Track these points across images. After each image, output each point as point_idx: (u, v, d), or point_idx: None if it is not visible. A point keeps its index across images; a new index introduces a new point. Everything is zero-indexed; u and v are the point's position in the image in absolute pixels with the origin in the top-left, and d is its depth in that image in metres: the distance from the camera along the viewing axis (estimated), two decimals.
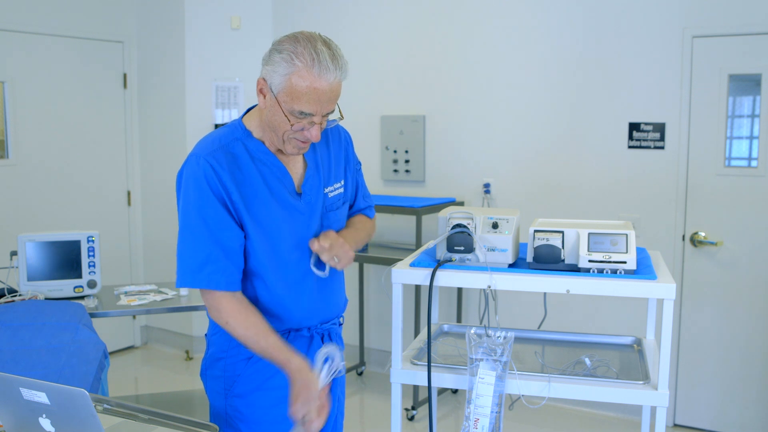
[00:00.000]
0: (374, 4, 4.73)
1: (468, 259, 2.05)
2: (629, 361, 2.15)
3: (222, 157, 1.77)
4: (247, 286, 1.84)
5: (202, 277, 1.76)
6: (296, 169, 1.89)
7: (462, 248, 2.04)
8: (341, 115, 1.84)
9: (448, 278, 2.04)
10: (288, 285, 1.86)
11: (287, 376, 1.77)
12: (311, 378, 1.74)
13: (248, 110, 1.90)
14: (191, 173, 1.76)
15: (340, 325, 2.05)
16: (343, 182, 2.00)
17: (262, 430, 1.88)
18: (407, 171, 4.67)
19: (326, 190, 1.93)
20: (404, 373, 2.08)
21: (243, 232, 1.79)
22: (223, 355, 1.88)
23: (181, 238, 1.79)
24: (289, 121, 1.73)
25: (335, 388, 2.09)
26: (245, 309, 1.78)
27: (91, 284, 3.32)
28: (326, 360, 1.80)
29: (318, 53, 1.69)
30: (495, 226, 2.05)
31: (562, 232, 2.00)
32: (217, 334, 1.89)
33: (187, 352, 5.27)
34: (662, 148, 3.92)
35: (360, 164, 2.10)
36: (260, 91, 1.76)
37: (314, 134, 1.75)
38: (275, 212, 1.82)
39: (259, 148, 1.82)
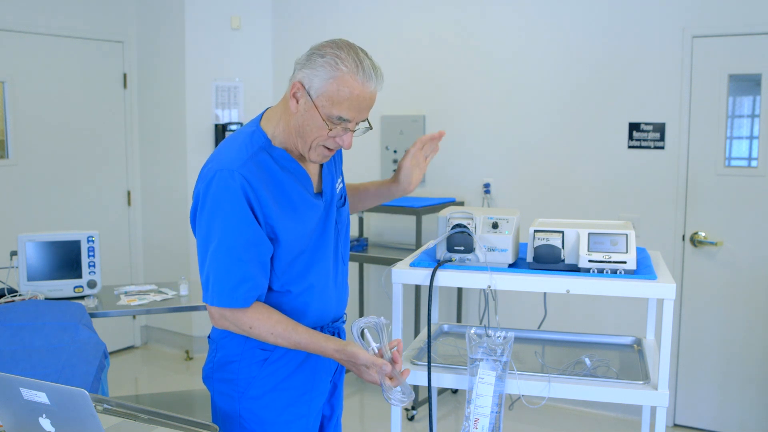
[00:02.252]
0: (374, 4, 4.73)
1: (468, 259, 2.05)
2: (629, 361, 2.15)
3: (253, 168, 1.74)
4: (268, 292, 1.83)
5: (239, 296, 1.73)
6: (314, 170, 1.91)
7: (462, 248, 2.04)
8: (370, 126, 1.85)
9: (448, 278, 2.03)
10: (311, 285, 1.87)
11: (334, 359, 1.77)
12: (352, 351, 1.73)
13: (262, 114, 1.88)
14: (225, 187, 1.71)
15: (344, 322, 2.06)
16: (341, 178, 2.03)
17: (279, 431, 1.89)
18: None
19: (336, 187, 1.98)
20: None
21: (271, 245, 1.77)
22: (236, 358, 1.87)
23: (214, 255, 1.73)
24: (327, 125, 1.72)
25: (339, 386, 2.09)
26: (265, 308, 1.78)
27: (91, 284, 3.32)
28: (363, 331, 1.80)
29: (361, 61, 1.71)
30: (495, 226, 2.05)
31: (562, 232, 2.00)
32: (227, 337, 1.87)
33: (187, 352, 5.27)
34: (662, 148, 3.92)
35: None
36: (293, 96, 1.74)
37: (347, 141, 1.77)
38: (305, 216, 1.83)
39: (283, 156, 1.81)
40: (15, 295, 3.12)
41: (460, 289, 4.47)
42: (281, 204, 1.78)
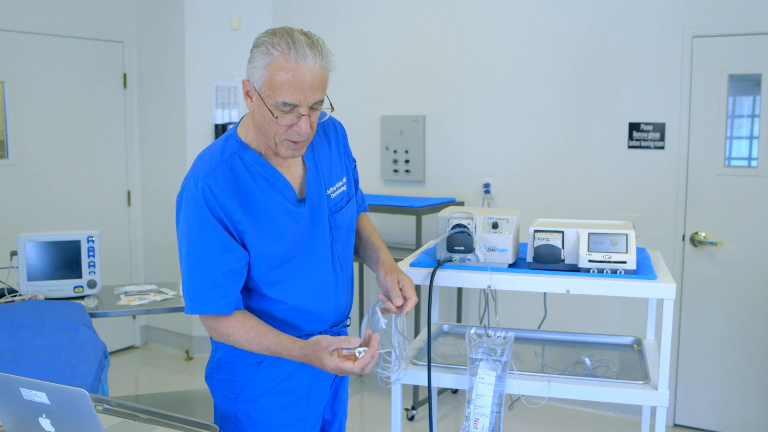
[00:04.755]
0: (374, 4, 4.73)
1: (468, 259, 2.05)
2: (629, 361, 2.15)
3: (220, 175, 1.73)
4: (261, 299, 1.82)
5: (210, 304, 1.74)
6: (296, 173, 1.85)
7: (462, 248, 2.04)
8: (332, 107, 1.79)
9: (448, 278, 2.04)
10: (305, 293, 1.84)
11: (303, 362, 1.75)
12: (316, 339, 1.68)
13: (242, 118, 1.87)
14: (190, 197, 1.73)
15: (348, 326, 2.04)
16: (345, 179, 1.97)
17: None
18: (407, 171, 4.67)
19: (328, 192, 1.90)
20: (404, 373, 2.08)
21: (246, 251, 1.76)
22: (233, 359, 1.87)
23: (184, 264, 1.76)
24: (273, 114, 1.67)
25: (341, 391, 2.08)
26: (241, 315, 1.77)
27: (91, 284, 3.32)
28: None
29: (294, 41, 1.65)
30: (495, 226, 2.05)
31: (562, 232, 2.00)
32: None
33: (187, 352, 5.27)
34: (662, 148, 3.92)
35: (355, 162, 2.09)
36: (247, 94, 1.73)
37: (303, 128, 1.69)
38: (279, 223, 1.79)
39: (256, 160, 1.78)
40: (15, 295, 3.12)
41: (460, 289, 4.47)
42: (250, 211, 1.75)
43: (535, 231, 2.02)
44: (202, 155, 1.81)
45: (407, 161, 4.66)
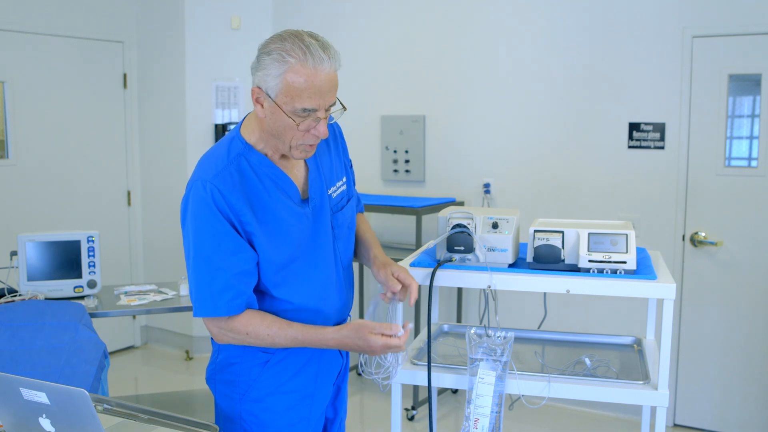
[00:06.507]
0: (375, 4, 4.73)
1: (468, 259, 2.05)
2: (629, 361, 2.15)
3: (228, 177, 1.73)
4: (270, 301, 1.82)
5: (222, 305, 1.73)
6: (299, 174, 1.86)
7: (462, 248, 2.04)
8: (343, 107, 1.80)
9: (448, 278, 2.04)
10: (310, 293, 1.85)
11: (337, 348, 1.78)
12: (359, 322, 1.75)
13: (243, 120, 1.87)
14: (199, 199, 1.72)
15: None
16: (344, 179, 1.98)
17: None
18: (407, 171, 4.67)
19: (329, 192, 1.91)
20: (404, 373, 2.08)
21: (255, 251, 1.75)
22: (237, 360, 1.86)
23: (194, 266, 1.74)
24: (294, 121, 1.69)
25: (343, 389, 2.08)
26: (257, 312, 1.78)
27: (91, 284, 3.32)
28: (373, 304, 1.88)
29: (308, 46, 1.65)
30: (495, 226, 2.05)
31: (562, 232, 2.00)
32: None
33: (187, 352, 5.27)
34: (662, 148, 3.92)
35: (351, 162, 2.09)
36: (257, 101, 1.73)
37: (322, 131, 1.71)
38: (286, 224, 1.79)
39: (262, 162, 1.78)
40: (15, 295, 3.12)
41: (460, 289, 4.47)
42: (258, 213, 1.75)
43: (535, 231, 2.02)
44: (207, 157, 1.80)
45: (407, 161, 4.66)
